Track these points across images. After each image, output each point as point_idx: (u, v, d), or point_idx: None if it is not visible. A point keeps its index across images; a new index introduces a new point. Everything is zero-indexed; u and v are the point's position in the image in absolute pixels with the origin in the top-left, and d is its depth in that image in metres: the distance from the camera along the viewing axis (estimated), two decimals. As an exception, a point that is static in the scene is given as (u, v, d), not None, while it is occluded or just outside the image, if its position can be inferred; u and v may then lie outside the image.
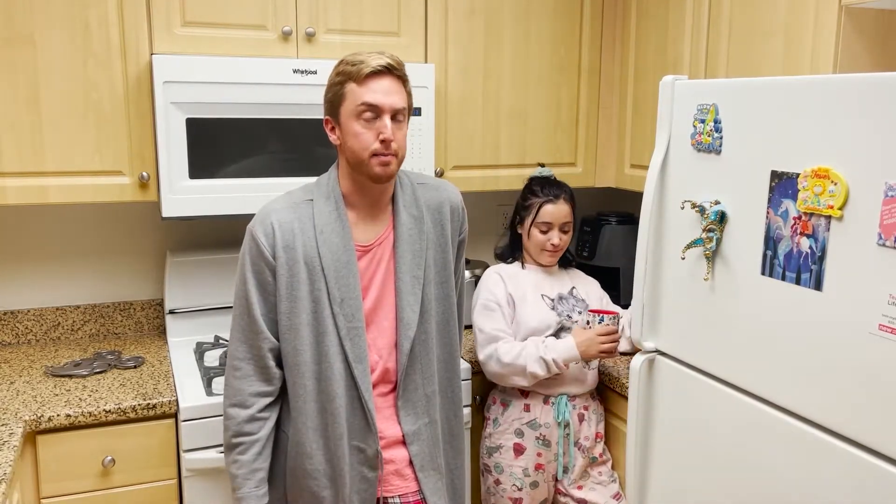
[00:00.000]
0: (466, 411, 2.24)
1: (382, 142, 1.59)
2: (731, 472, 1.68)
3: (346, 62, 1.63)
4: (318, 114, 2.22)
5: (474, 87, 2.47)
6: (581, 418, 2.16)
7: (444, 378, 1.81)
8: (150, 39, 2.12)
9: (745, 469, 1.64)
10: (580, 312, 2.18)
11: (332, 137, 1.67)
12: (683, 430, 1.82)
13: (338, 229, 1.67)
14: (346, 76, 1.61)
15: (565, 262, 2.30)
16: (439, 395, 1.79)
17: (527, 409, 2.14)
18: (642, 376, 1.91)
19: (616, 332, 2.07)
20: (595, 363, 2.22)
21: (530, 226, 2.17)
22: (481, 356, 2.14)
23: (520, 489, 2.15)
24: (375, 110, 1.59)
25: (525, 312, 2.15)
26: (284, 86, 2.17)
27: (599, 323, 2.08)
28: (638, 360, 1.90)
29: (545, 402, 2.13)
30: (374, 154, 1.60)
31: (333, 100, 1.64)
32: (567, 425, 2.12)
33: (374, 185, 1.67)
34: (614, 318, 2.09)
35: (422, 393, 1.75)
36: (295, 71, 2.18)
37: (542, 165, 2.25)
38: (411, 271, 1.73)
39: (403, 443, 1.74)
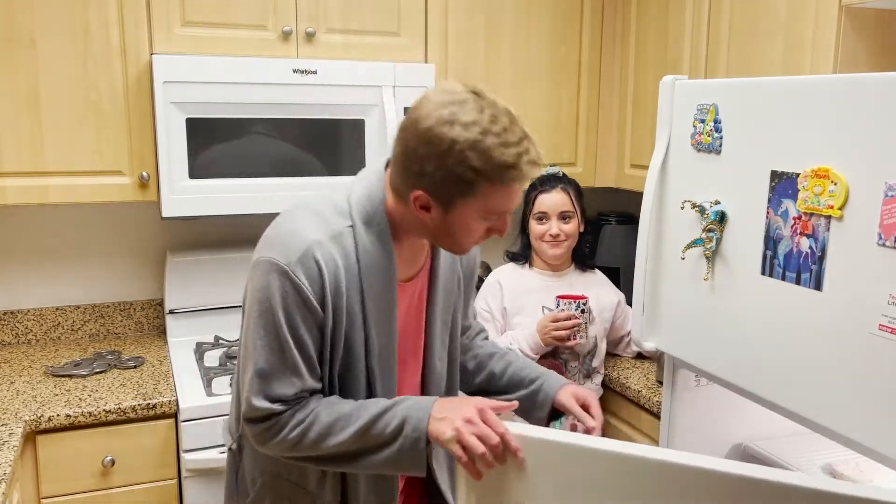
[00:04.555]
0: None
1: (490, 236, 1.34)
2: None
3: (485, 156, 1.18)
4: (318, 113, 2.22)
5: (474, 87, 2.47)
6: (573, 428, 2.14)
7: None
8: (150, 39, 2.12)
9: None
10: (585, 324, 2.11)
11: (421, 213, 1.27)
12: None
13: (383, 267, 1.34)
14: (488, 179, 1.20)
15: (583, 264, 2.22)
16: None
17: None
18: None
19: (571, 317, 2.01)
20: (598, 377, 2.19)
21: (529, 219, 2.13)
22: None
23: None
24: (509, 212, 1.30)
25: (516, 325, 2.10)
26: (284, 86, 2.17)
27: (557, 308, 2.04)
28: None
29: None
30: (475, 243, 1.34)
31: (452, 187, 1.22)
32: None
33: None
34: (570, 302, 2.02)
35: None
36: (295, 71, 2.18)
37: (554, 166, 2.24)
38: (442, 317, 1.48)
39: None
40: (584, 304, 2.05)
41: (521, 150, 1.21)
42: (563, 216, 2.10)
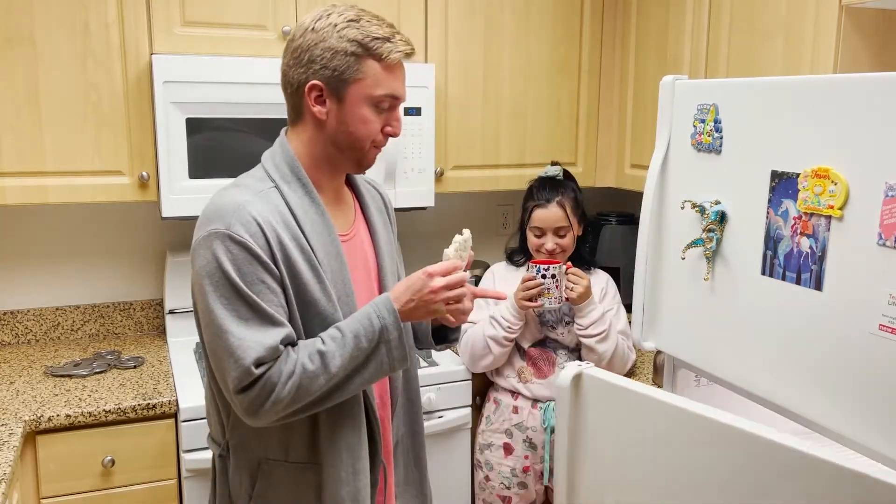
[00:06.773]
0: (466, 411, 2.24)
1: (387, 135, 1.41)
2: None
3: (362, 30, 1.33)
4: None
5: (474, 86, 2.47)
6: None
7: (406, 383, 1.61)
8: (149, 39, 2.12)
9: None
10: (567, 323, 2.14)
11: (317, 109, 1.36)
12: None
13: (319, 218, 1.38)
14: (367, 51, 1.33)
15: (582, 263, 2.21)
16: (409, 402, 1.61)
17: (515, 411, 2.15)
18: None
19: (532, 279, 2.03)
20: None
21: (527, 229, 2.16)
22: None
23: (508, 488, 2.16)
24: (396, 101, 1.39)
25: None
26: (284, 86, 2.17)
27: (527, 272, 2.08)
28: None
29: (533, 405, 2.13)
30: (374, 145, 1.41)
31: (343, 70, 1.33)
32: (553, 430, 2.11)
33: (345, 171, 1.47)
34: (534, 266, 2.04)
35: (402, 399, 1.58)
36: (295, 71, 2.17)
37: (556, 164, 2.24)
38: (391, 268, 1.53)
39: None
40: (547, 269, 2.04)
41: (393, 30, 1.36)
42: (559, 232, 2.12)
